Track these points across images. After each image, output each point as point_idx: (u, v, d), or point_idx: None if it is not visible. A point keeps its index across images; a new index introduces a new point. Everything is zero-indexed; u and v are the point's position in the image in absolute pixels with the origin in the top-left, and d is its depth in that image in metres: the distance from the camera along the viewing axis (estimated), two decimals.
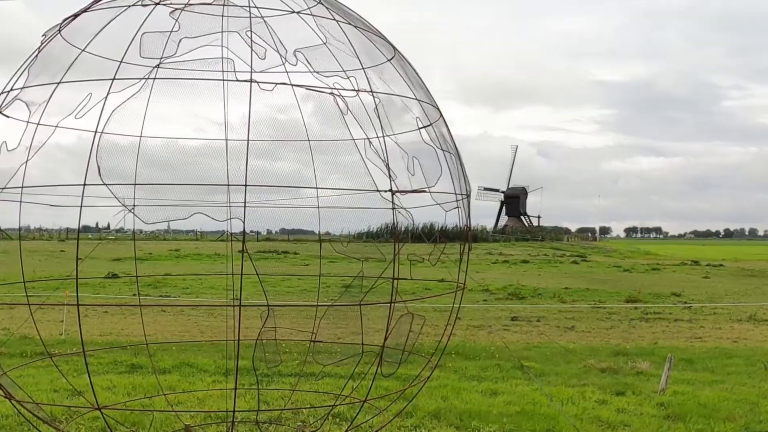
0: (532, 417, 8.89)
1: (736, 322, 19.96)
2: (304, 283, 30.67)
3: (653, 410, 9.48)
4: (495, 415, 9.07)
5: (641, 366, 12.51)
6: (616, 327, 18.90)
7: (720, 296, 28.25)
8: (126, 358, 12.58)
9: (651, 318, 20.54)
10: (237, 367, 6.66)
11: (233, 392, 6.87)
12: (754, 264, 56.70)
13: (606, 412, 9.26)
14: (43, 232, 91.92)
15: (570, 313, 21.63)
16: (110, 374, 11.53)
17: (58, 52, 7.20)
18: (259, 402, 7.05)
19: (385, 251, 9.95)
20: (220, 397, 10.03)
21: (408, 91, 6.86)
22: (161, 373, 11.63)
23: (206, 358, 12.85)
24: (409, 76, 7.17)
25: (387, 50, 7.19)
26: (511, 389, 10.58)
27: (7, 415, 8.84)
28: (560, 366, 12.84)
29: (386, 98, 6.58)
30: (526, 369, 12.21)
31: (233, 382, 10.82)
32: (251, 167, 5.88)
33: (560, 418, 8.86)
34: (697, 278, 39.84)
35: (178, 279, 31.28)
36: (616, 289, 30.74)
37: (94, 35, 7.31)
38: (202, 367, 11.94)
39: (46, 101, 7.17)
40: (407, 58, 7.38)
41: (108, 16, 7.16)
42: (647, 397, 10.13)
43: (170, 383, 10.73)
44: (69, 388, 10.32)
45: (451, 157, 6.96)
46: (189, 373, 11.51)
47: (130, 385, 10.43)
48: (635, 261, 59.85)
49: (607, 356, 13.82)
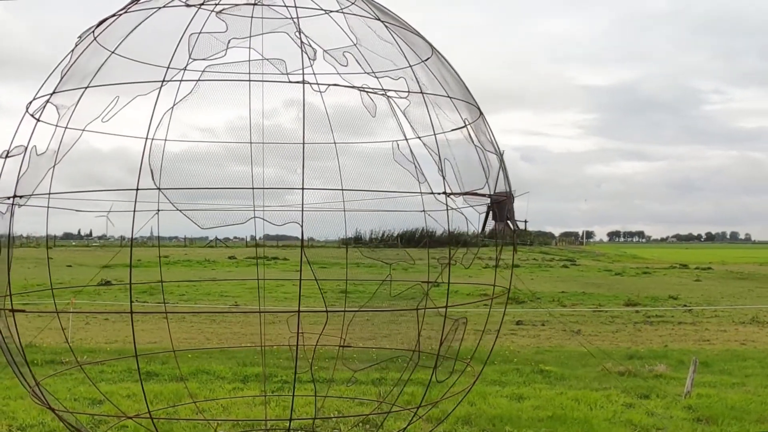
0: (565, 422, 8.82)
1: (740, 324, 20.03)
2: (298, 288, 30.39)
3: (682, 413, 9.44)
4: (526, 420, 9.00)
5: (659, 369, 12.49)
6: (622, 330, 18.90)
7: (716, 299, 28.38)
8: (141, 366, 12.37)
9: (655, 321, 20.57)
10: (295, 373, 6.51)
11: (290, 399, 6.73)
12: (741, 267, 57.14)
13: (637, 416, 9.21)
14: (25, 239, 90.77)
15: (573, 317, 21.62)
16: (126, 382, 11.35)
17: (90, 54, 7.07)
18: (316, 408, 6.92)
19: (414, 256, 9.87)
20: (243, 404, 9.87)
21: (449, 91, 6.78)
22: (179, 380, 11.46)
23: (220, 365, 12.68)
24: (445, 76, 7.09)
25: (426, 49, 7.11)
26: (536, 393, 10.51)
27: (31, 425, 8.66)
28: (578, 370, 12.80)
29: (432, 99, 6.49)
30: (545, 373, 12.17)
31: (255, 389, 10.71)
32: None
33: (593, 422, 8.80)
34: (689, 281, 40.04)
35: (173, 286, 30.98)
36: (612, 292, 30.80)
37: (123, 38, 7.20)
38: (219, 374, 11.77)
39: (74, 104, 7.03)
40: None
41: (142, 18, 7.03)
42: (673, 400, 10.10)
43: (190, 390, 10.56)
44: (89, 397, 10.15)
45: (495, 157, 6.89)
46: (207, 380, 11.34)
47: (150, 393, 10.24)
48: (624, 265, 60.10)
49: (621, 359, 13.79)
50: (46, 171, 6.96)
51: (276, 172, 8.77)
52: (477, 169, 6.30)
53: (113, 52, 7.16)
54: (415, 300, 9.05)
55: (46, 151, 7.05)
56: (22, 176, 6.85)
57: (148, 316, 21.68)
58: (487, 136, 6.85)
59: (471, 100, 6.92)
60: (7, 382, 10.95)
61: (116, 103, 6.89)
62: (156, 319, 21.13)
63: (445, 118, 6.45)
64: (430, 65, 6.85)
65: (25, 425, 8.59)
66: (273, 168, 8.62)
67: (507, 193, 8.52)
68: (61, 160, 7.08)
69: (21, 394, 10.22)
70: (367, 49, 6.31)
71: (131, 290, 5.86)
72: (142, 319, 21.55)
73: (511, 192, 8.66)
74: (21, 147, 6.79)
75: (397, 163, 7.86)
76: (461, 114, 6.56)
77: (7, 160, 6.85)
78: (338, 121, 8.63)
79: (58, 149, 7.05)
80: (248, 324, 20.27)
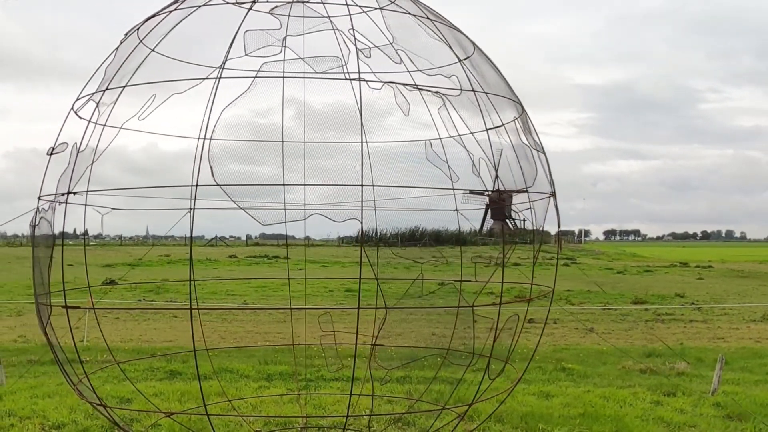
0: (597, 419, 8.83)
1: (751, 322, 20.10)
2: (306, 287, 30.45)
3: (711, 410, 9.45)
4: (557, 417, 9.00)
5: (680, 367, 12.52)
6: (634, 329, 18.95)
7: (722, 297, 28.46)
8: (161, 365, 12.36)
9: (666, 319, 20.62)
10: (353, 370, 6.50)
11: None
12: (741, 265, 57.29)
13: (668, 413, 9.22)
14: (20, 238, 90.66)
15: (583, 315, 21.66)
16: (150, 381, 11.31)
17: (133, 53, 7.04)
18: (349, 406, 6.91)
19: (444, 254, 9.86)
20: (272, 403, 9.86)
21: (493, 88, 6.78)
22: (203, 379, 11.43)
23: (241, 363, 12.66)
24: (488, 74, 7.08)
25: (468, 46, 7.10)
26: (563, 391, 10.52)
27: (63, 423, 8.63)
28: (598, 368, 12.83)
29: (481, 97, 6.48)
30: (568, 371, 12.19)
31: (281, 387, 10.70)
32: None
33: (626, 420, 8.81)
34: (692, 279, 40.14)
35: (179, 285, 30.93)
36: (617, 291, 30.85)
37: (163, 35, 7.17)
38: (243, 372, 11.75)
39: (113, 103, 7.01)
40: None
41: (189, 17, 7.01)
42: (700, 398, 10.11)
43: (217, 389, 10.55)
44: (115, 395, 10.12)
45: (539, 154, 6.89)
46: (232, 379, 11.31)
47: (178, 392, 10.22)
48: (625, 263, 60.18)
49: (639, 357, 13.82)
50: (84, 169, 6.94)
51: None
52: (527, 167, 6.30)
53: (152, 50, 7.14)
54: (449, 298, 9.08)
55: (85, 149, 7.03)
56: (63, 174, 6.85)
57: (159, 314, 21.68)
58: (532, 133, 6.85)
59: (514, 97, 6.91)
60: (31, 381, 10.93)
61: (153, 101, 6.89)
62: (167, 317, 21.14)
63: (493, 116, 6.46)
64: (474, 62, 6.85)
65: (58, 424, 8.55)
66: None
67: (507, 192, 8.50)
68: (98, 158, 7.08)
69: (48, 392, 10.20)
70: (414, 46, 6.31)
71: (191, 287, 5.83)
72: (153, 317, 21.55)
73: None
74: (65, 144, 6.77)
75: (430, 162, 7.89)
76: (507, 112, 6.56)
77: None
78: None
79: (96, 147, 7.03)
80: (259, 323, 20.27)
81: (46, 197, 6.50)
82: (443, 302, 9.73)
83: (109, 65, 6.92)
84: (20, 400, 9.65)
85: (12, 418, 8.77)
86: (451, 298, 8.87)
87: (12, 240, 79.01)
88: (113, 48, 7.21)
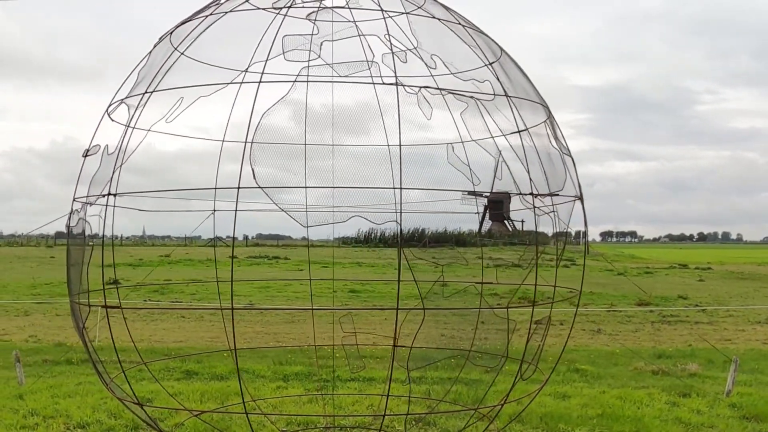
0: (617, 419, 8.92)
1: (756, 324, 20.22)
2: (310, 287, 30.54)
3: (728, 411, 9.55)
4: (576, 418, 9.09)
5: (691, 368, 12.62)
6: (641, 330, 19.06)
7: (725, 299, 28.59)
8: (176, 365, 12.43)
9: (672, 321, 20.74)
10: (391, 370, 6.56)
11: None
12: (740, 267, 57.45)
13: (685, 414, 9.31)
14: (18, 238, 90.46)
15: (589, 317, 21.76)
16: (167, 381, 11.36)
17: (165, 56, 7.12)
18: (386, 406, 6.99)
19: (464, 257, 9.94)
20: (290, 403, 9.93)
21: (522, 91, 6.86)
22: (219, 379, 11.52)
23: (255, 364, 12.72)
24: (511, 77, 7.16)
25: (496, 50, 7.18)
26: (579, 392, 10.61)
27: (88, 423, 8.70)
28: (610, 369, 12.92)
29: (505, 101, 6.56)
30: (581, 372, 12.28)
31: (298, 387, 10.77)
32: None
33: (645, 420, 8.90)
34: (693, 281, 40.29)
35: (183, 285, 31.00)
36: (620, 292, 30.94)
37: (193, 40, 7.26)
38: (259, 373, 11.82)
39: (143, 106, 7.08)
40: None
41: (219, 21, 7.09)
42: (715, 399, 10.21)
43: (235, 389, 10.62)
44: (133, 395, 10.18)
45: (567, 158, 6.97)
46: (248, 379, 11.37)
47: (197, 392, 10.30)
48: (624, 265, 60.30)
49: (649, 359, 13.92)
50: (113, 170, 7.01)
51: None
52: (557, 170, 6.39)
53: (182, 53, 7.22)
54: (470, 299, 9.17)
55: (117, 151, 7.10)
56: (95, 175, 6.93)
57: (166, 314, 21.73)
58: (559, 137, 6.94)
59: (542, 101, 7.00)
60: (50, 381, 10.98)
61: (180, 104, 6.98)
62: (175, 318, 21.19)
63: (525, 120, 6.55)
64: (503, 65, 6.94)
65: (82, 423, 8.62)
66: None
67: (505, 193, 8.58)
68: (127, 159, 7.14)
69: (67, 392, 10.26)
70: (444, 50, 6.40)
71: (232, 287, 5.91)
72: (160, 318, 21.60)
73: (507, 192, 8.65)
74: (97, 146, 6.85)
75: (451, 165, 7.97)
76: (537, 115, 6.65)
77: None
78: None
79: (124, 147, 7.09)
80: (268, 323, 20.33)
81: (80, 199, 6.56)
82: (462, 303, 9.80)
83: (141, 69, 7.00)
84: (41, 399, 9.71)
85: (36, 418, 8.83)
86: (469, 300, 8.98)
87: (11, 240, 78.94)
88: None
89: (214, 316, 21.46)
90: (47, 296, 26.72)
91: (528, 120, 6.62)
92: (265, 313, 21.99)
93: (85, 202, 6.81)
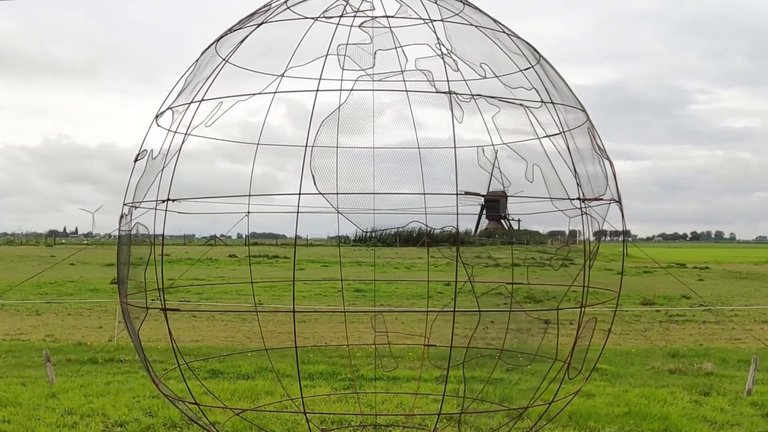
0: (645, 417, 9.10)
1: (763, 323, 20.47)
2: (317, 287, 30.78)
3: (750, 410, 9.74)
4: (604, 416, 9.27)
5: (707, 367, 12.81)
6: (650, 329, 19.27)
7: (727, 298, 28.83)
8: (200, 365, 12.55)
9: (679, 321, 20.96)
10: (448, 371, 6.71)
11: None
12: (737, 266, 57.84)
13: (709, 412, 9.49)
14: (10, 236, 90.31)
15: (597, 317, 21.93)
16: (193, 381, 11.50)
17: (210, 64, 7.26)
18: (442, 405, 7.15)
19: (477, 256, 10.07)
20: (320, 401, 10.09)
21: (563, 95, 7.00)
22: (245, 378, 11.66)
23: (278, 363, 12.85)
24: (553, 82, 7.30)
25: (534, 55, 7.32)
26: (602, 391, 10.78)
27: (126, 421, 8.83)
28: (627, 368, 13.10)
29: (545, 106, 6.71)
30: (601, 371, 12.45)
31: (325, 386, 10.93)
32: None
33: (672, 418, 9.09)
34: (692, 281, 40.52)
35: (188, 284, 31.07)
36: (623, 291, 31.12)
37: (237, 45, 7.39)
38: (284, 372, 11.95)
39: (185, 110, 7.22)
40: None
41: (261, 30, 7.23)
42: (737, 397, 10.40)
43: (266, 388, 10.78)
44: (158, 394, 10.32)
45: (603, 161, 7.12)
46: (275, 378, 11.51)
47: (227, 391, 10.44)
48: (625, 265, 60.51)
49: (663, 358, 14.12)
50: (155, 175, 7.15)
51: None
52: (599, 174, 6.54)
53: (226, 60, 7.35)
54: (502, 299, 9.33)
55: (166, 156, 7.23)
56: (140, 180, 7.06)
57: (177, 314, 21.82)
58: (597, 140, 7.09)
59: (578, 105, 7.15)
60: (80, 380, 11.09)
61: (219, 108, 7.12)
62: (186, 318, 21.30)
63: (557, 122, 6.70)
64: (541, 70, 7.09)
65: (120, 422, 8.75)
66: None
67: (502, 192, 8.75)
68: (167, 164, 7.28)
69: (99, 391, 10.37)
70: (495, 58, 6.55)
71: (294, 288, 6.05)
72: (171, 317, 21.67)
73: (504, 191, 8.76)
74: (145, 152, 6.98)
75: (481, 168, 8.13)
76: (577, 119, 6.81)
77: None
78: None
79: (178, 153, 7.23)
80: (280, 323, 20.43)
81: (135, 203, 6.69)
82: (493, 305, 9.97)
83: (188, 75, 7.14)
84: (75, 398, 9.83)
85: (73, 417, 8.95)
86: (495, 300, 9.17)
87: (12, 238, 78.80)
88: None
89: (225, 317, 21.60)
90: (54, 296, 26.80)
91: (570, 124, 6.78)
92: (278, 313, 22.11)
93: (138, 207, 6.94)
